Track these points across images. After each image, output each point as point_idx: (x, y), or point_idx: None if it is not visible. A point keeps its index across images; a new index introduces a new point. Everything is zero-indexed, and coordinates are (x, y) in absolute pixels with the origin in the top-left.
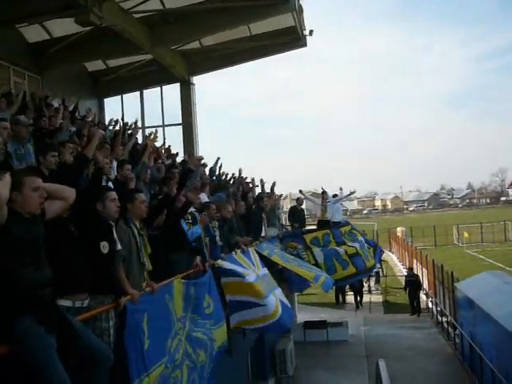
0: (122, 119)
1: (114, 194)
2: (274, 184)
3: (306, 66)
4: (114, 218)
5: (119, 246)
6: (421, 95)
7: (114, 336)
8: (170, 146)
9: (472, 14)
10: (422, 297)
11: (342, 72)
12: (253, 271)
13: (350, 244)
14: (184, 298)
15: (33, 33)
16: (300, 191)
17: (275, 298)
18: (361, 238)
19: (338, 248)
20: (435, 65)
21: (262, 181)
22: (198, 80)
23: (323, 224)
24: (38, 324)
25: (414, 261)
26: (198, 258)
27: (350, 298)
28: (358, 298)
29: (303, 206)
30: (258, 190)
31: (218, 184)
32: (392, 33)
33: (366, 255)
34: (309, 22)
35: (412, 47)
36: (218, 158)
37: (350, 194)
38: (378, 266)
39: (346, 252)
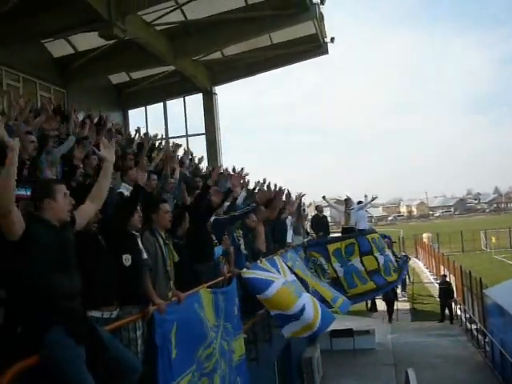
0: (146, 130)
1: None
2: (301, 195)
3: (326, 73)
4: (138, 228)
5: (145, 256)
6: (445, 100)
7: (142, 346)
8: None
9: (494, 17)
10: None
11: (362, 78)
12: (281, 277)
13: (376, 255)
14: (214, 307)
15: (58, 47)
16: (323, 197)
17: (311, 300)
18: (387, 252)
19: (357, 262)
20: (458, 69)
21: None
22: (220, 90)
23: (348, 231)
24: (67, 335)
25: (441, 267)
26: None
27: (379, 305)
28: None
29: (326, 214)
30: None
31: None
32: (413, 37)
33: (388, 271)
34: (330, 30)
35: (433, 51)
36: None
37: (372, 200)
38: (405, 273)
39: (365, 269)
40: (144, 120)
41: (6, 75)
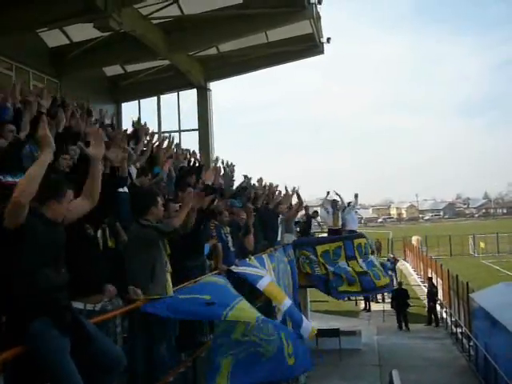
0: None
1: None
2: (295, 189)
3: (321, 71)
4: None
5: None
6: (436, 103)
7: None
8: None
9: (488, 22)
10: (437, 307)
11: (355, 79)
12: (268, 273)
13: (359, 261)
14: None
15: (53, 38)
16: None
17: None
18: (371, 258)
19: (344, 264)
20: (449, 72)
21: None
22: (214, 86)
23: (334, 232)
24: (52, 326)
25: (429, 270)
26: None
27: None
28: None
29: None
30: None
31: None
32: (405, 39)
33: (376, 274)
34: (326, 30)
35: (426, 54)
36: (233, 165)
37: (355, 197)
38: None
39: (353, 270)
40: (137, 114)
41: None
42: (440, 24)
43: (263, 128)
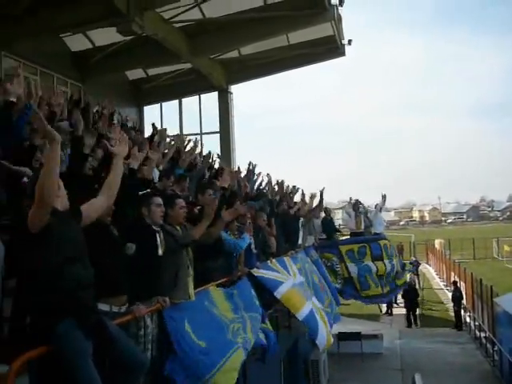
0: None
1: (159, 200)
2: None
3: (339, 73)
4: (159, 224)
5: (160, 252)
6: (460, 105)
7: (153, 343)
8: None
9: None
10: (460, 311)
11: (374, 78)
12: (290, 278)
13: (385, 261)
14: (230, 303)
15: (76, 42)
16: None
17: (315, 308)
18: (394, 262)
19: (371, 264)
20: (470, 74)
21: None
22: (235, 89)
23: (356, 236)
24: (77, 328)
25: (452, 274)
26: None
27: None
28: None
29: (337, 217)
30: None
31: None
32: (425, 41)
33: (387, 281)
34: (347, 31)
35: (446, 56)
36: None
37: (383, 198)
38: (411, 278)
39: (377, 271)
40: (159, 117)
41: (23, 68)
42: (458, 26)
43: (283, 131)
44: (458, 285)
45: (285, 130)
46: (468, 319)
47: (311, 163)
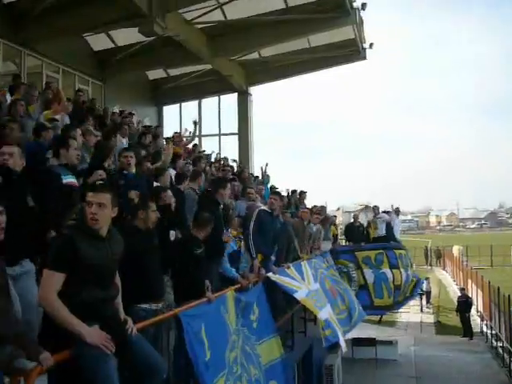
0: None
1: None
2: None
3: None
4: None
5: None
6: (477, 109)
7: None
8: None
9: None
10: (476, 319)
11: (391, 79)
12: (305, 286)
13: (401, 270)
14: (235, 311)
15: (98, 41)
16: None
17: (329, 316)
18: (409, 272)
19: (388, 272)
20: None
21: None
22: (254, 90)
23: (374, 241)
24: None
25: (469, 281)
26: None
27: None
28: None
29: (361, 221)
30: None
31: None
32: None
33: (404, 291)
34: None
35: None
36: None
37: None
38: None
39: (393, 280)
40: (178, 117)
41: (46, 66)
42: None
43: (301, 134)
44: (474, 292)
45: (302, 133)
46: (485, 328)
47: (328, 165)
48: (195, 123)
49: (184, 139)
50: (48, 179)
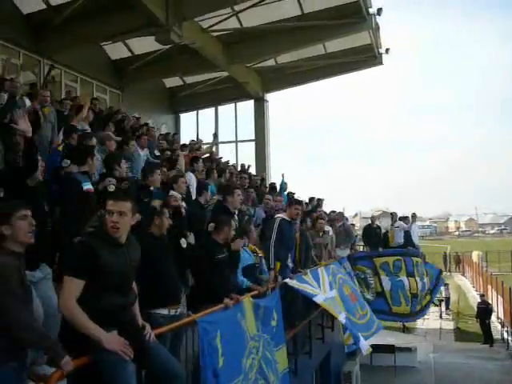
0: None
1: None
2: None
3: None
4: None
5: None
6: (493, 112)
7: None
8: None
9: None
10: (497, 326)
11: (404, 83)
12: (321, 293)
13: (417, 279)
14: (255, 317)
15: (115, 50)
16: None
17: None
18: (425, 280)
19: (405, 280)
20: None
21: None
22: (271, 97)
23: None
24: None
25: (489, 287)
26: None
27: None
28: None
29: (379, 223)
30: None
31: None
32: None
33: (421, 300)
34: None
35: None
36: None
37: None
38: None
39: (410, 288)
40: (195, 124)
41: (64, 75)
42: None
43: (316, 139)
44: (494, 298)
45: (316, 137)
46: (505, 335)
47: (344, 171)
48: (215, 135)
49: (202, 148)
50: (69, 185)
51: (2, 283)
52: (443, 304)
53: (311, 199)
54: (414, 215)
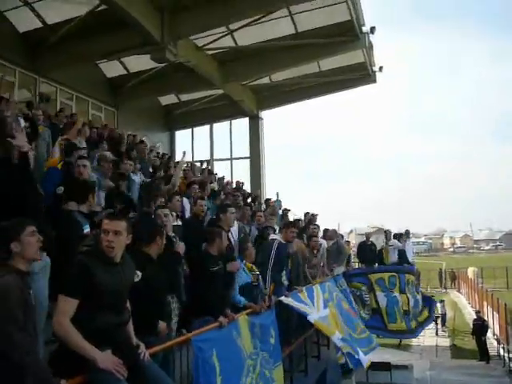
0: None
1: None
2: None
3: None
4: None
5: None
6: (487, 128)
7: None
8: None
9: None
10: (493, 342)
11: (398, 101)
12: (315, 311)
13: (409, 296)
14: (251, 335)
15: (111, 68)
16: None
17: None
18: (418, 297)
19: (399, 296)
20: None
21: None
22: (266, 114)
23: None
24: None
25: (485, 303)
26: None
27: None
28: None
29: (374, 240)
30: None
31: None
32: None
33: (415, 315)
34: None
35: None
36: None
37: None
38: (437, 310)
39: (402, 305)
40: (190, 141)
41: (60, 93)
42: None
43: (311, 156)
44: (490, 315)
45: (311, 154)
46: (501, 351)
47: (341, 188)
48: (184, 153)
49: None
50: (70, 227)
51: (2, 306)
52: (439, 321)
53: (306, 214)
54: (407, 232)
